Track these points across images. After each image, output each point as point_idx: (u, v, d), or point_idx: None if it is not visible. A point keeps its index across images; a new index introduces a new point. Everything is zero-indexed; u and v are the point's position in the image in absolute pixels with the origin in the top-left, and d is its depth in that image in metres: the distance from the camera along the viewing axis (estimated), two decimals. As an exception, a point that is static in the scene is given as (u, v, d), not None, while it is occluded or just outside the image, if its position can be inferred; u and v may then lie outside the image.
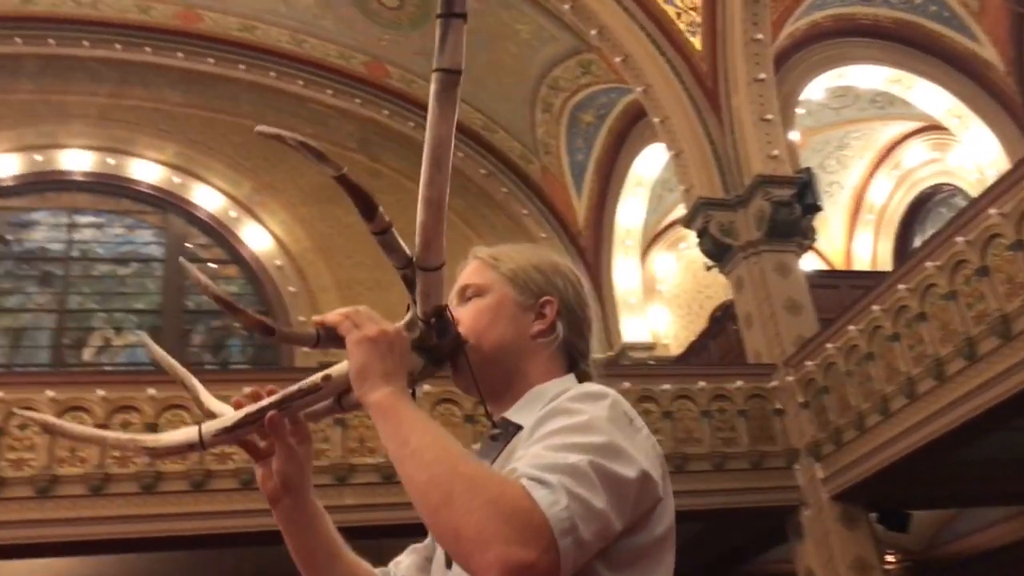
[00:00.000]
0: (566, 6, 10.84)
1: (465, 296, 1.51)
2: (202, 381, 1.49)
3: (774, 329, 9.18)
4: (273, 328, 1.34)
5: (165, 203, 12.95)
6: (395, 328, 1.34)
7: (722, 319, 11.54)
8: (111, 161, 12.71)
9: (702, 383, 8.98)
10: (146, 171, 12.87)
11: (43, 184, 12.57)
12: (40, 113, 12.48)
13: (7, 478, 7.09)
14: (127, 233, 13.07)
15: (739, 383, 9.01)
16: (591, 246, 13.53)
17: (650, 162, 12.66)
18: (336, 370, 1.36)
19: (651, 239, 13.98)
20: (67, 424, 1.46)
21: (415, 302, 1.40)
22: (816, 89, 11.84)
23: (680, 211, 11.62)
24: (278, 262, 12.68)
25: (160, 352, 1.52)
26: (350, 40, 13.04)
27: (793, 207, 9.54)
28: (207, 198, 12.94)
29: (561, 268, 1.50)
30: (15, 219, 12.66)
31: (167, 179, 12.89)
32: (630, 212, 13.16)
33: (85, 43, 12.70)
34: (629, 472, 1.15)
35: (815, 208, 9.81)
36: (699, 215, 9.84)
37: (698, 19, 10.31)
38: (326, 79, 13.49)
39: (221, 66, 13.20)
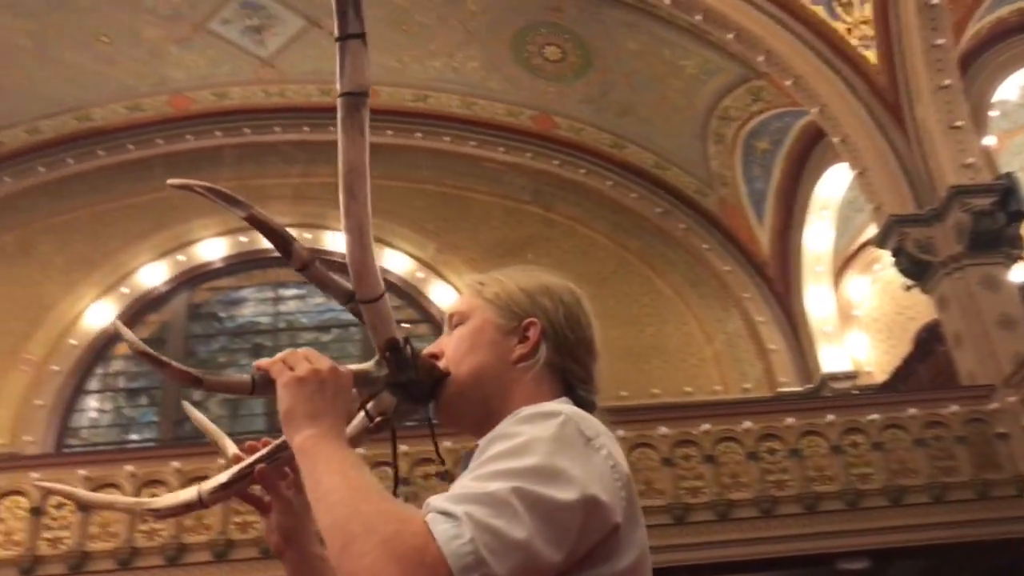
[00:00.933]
0: (730, 36, 10.70)
1: (452, 325, 1.43)
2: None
3: (988, 347, 8.56)
4: (200, 379, 1.30)
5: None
6: (329, 367, 1.26)
7: (928, 340, 10.85)
8: (307, 236, 13.52)
9: (913, 410, 8.47)
10: (338, 242, 13.59)
11: (249, 263, 13.53)
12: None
13: (44, 556, 7.61)
14: (326, 302, 13.83)
15: (954, 408, 8.43)
16: (778, 275, 13.11)
17: (833, 183, 12.19)
18: None
19: (843, 263, 13.39)
20: (81, 491, 1.54)
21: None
22: (1010, 88, 11.10)
23: (871, 231, 11.09)
24: (466, 318, 13.02)
25: (200, 417, 1.56)
26: (517, 97, 13.38)
27: (995, 216, 8.93)
28: (396, 262, 13.51)
29: (552, 288, 1.40)
30: (226, 297, 13.68)
31: (358, 248, 13.55)
32: (817, 237, 12.68)
33: (276, 129, 13.67)
34: (566, 496, 1.05)
35: (1020, 215, 9.14)
36: (892, 233, 9.36)
37: (870, 32, 9.92)
38: (497, 137, 13.87)
39: (399, 136, 13.83)
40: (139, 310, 12.75)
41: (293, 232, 1.34)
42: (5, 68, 11.82)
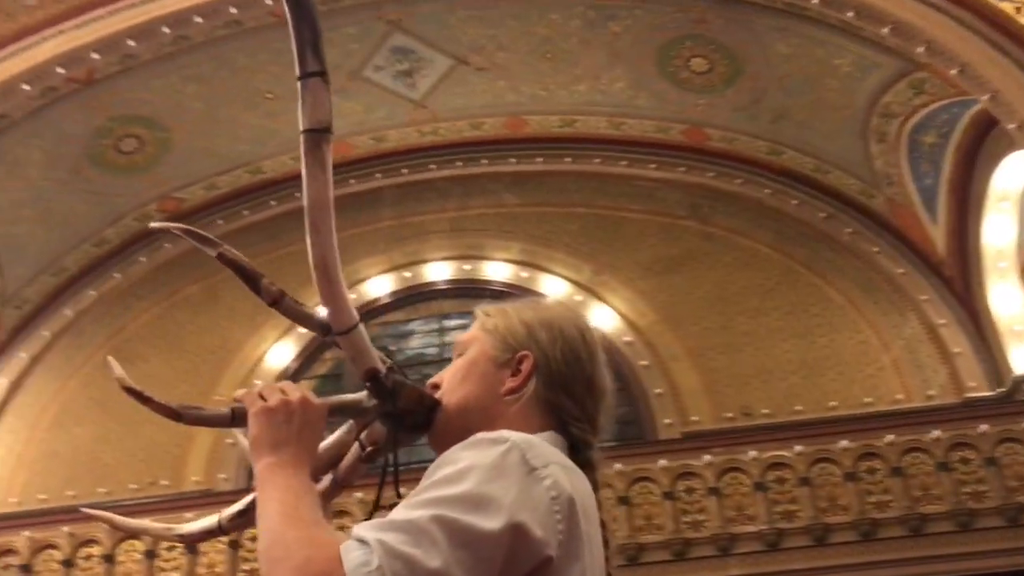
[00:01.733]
0: (885, 30, 10.25)
1: (455, 355, 1.46)
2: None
3: None
4: (180, 413, 1.33)
5: (517, 297, 13.78)
6: (299, 398, 1.26)
7: None
8: (467, 267, 13.84)
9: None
10: (497, 271, 13.84)
11: (414, 297, 13.97)
12: (403, 236, 13.96)
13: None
14: (488, 331, 14.07)
15: None
16: (957, 275, 12.36)
17: (1012, 172, 11.41)
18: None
19: (1028, 256, 12.48)
20: (116, 517, 1.64)
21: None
22: None
23: (1059, 220, 10.31)
24: (627, 338, 12.93)
25: None
26: (666, 112, 13.26)
27: None
28: (553, 286, 13.59)
29: (555, 322, 1.40)
30: (394, 331, 14.15)
31: (516, 275, 13.75)
32: (998, 231, 11.87)
33: (432, 166, 14.10)
34: (490, 524, 1.03)
35: None
36: (1083, 220, 8.67)
37: (1043, 8, 9.28)
38: (648, 154, 13.77)
39: (549, 163, 13.97)
40: (316, 348, 13.34)
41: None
42: (181, 131, 12.74)
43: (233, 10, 11.02)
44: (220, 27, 11.24)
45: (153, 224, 1.41)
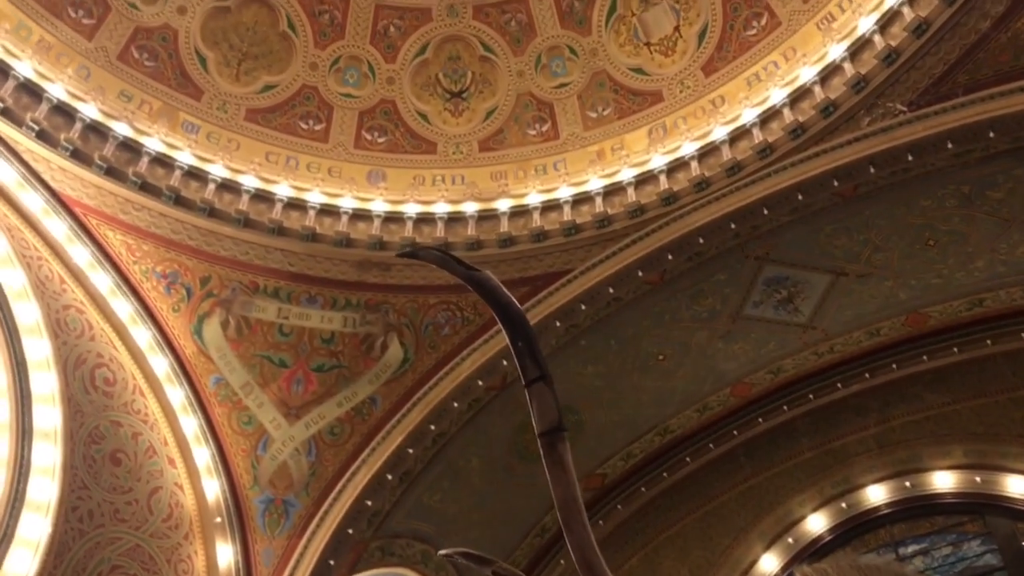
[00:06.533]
0: None
1: None
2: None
3: None
4: None
5: (977, 506, 12.26)
6: None
7: None
8: (907, 483, 12.68)
9: None
10: (942, 481, 12.53)
11: (855, 529, 12.92)
12: (827, 464, 13.26)
13: None
14: (955, 550, 12.50)
15: None
16: None
17: None
18: None
19: None
20: None
21: None
22: None
23: None
24: None
25: None
26: (1088, 263, 11.79)
27: None
28: (1018, 485, 11.95)
29: None
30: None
31: (967, 480, 12.32)
32: None
33: (838, 385, 13.50)
34: None
35: None
36: None
37: None
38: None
39: (967, 350, 12.83)
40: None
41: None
42: (589, 410, 13.46)
43: (611, 289, 11.85)
44: (603, 308, 12.07)
45: (441, 551, 1.62)
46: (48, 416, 9.67)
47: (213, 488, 11.23)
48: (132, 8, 11.84)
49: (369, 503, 11.79)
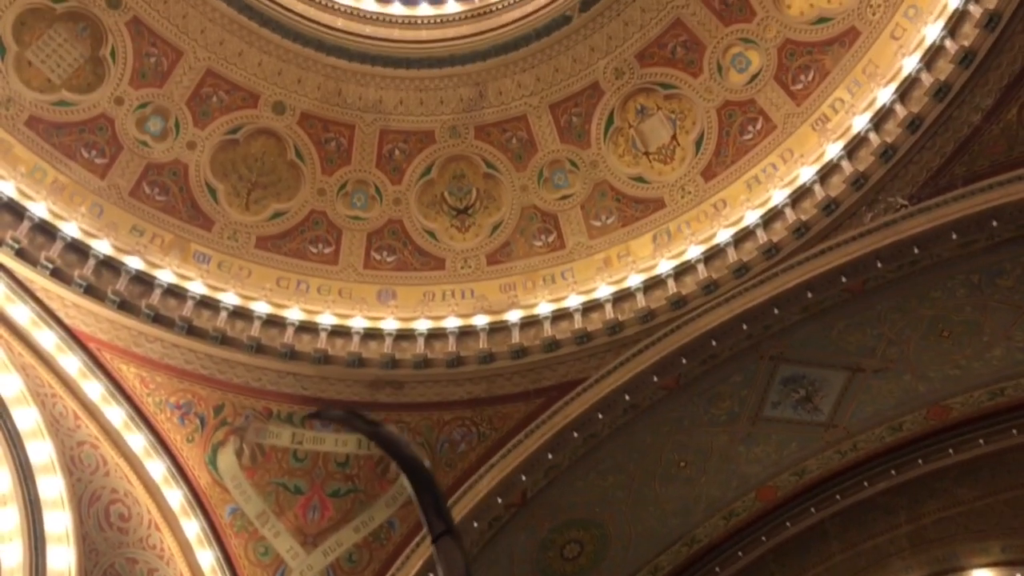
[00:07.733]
0: None
1: None
2: None
3: None
4: None
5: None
6: None
7: None
8: (946, 584, 12.27)
9: None
10: (980, 579, 12.11)
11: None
12: (859, 566, 12.86)
13: None
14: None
15: None
16: None
17: None
18: None
19: None
20: None
21: None
22: None
23: None
24: None
25: None
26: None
27: None
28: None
29: None
30: None
31: (1008, 577, 11.92)
32: None
33: (864, 484, 13.20)
34: None
35: None
36: None
37: None
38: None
39: (993, 441, 12.59)
40: None
41: None
42: (613, 522, 13.16)
43: (627, 396, 11.74)
44: (620, 416, 11.94)
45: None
46: (62, 556, 9.49)
47: (231, 623, 10.93)
48: (143, 146, 12.17)
49: (390, 632, 11.44)
